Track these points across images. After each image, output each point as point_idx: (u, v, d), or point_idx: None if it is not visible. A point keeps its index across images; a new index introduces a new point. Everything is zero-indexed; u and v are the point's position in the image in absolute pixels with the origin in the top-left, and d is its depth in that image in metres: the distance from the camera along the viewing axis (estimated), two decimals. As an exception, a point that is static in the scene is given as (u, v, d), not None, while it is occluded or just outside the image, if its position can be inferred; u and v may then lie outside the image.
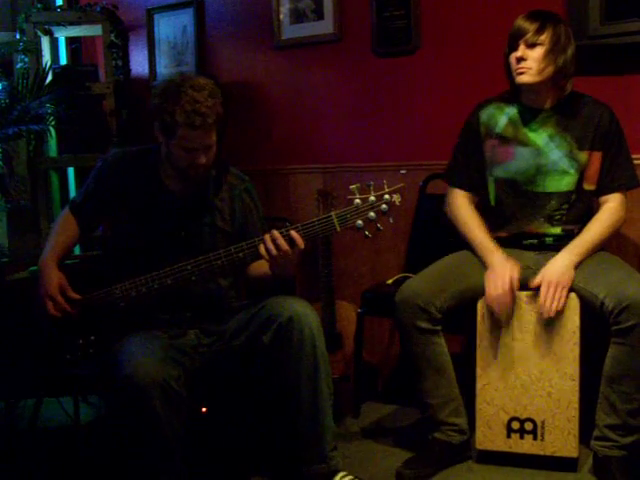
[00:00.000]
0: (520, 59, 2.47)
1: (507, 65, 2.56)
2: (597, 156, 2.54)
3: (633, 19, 2.56)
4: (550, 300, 2.41)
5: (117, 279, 2.32)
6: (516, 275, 2.45)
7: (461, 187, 2.67)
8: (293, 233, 2.19)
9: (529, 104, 2.58)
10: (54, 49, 4.18)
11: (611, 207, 2.53)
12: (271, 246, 2.19)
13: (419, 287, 2.49)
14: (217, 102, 2.26)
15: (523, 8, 2.58)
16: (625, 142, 2.57)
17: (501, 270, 2.46)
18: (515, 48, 2.48)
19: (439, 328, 2.48)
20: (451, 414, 2.54)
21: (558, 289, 2.41)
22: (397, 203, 2.15)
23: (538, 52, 2.46)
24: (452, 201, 2.68)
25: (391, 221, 2.16)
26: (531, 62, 2.46)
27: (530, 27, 2.45)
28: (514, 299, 2.46)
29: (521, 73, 2.48)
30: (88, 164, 3.70)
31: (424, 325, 2.45)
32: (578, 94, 2.59)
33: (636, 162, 2.67)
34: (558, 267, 2.44)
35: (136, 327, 2.31)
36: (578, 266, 2.46)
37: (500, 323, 2.48)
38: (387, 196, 2.15)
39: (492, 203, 2.64)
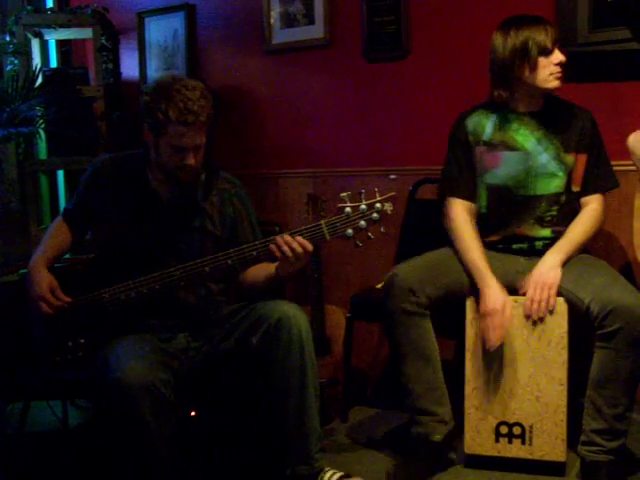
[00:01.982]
0: (560, 63, 2.49)
1: (523, 70, 2.50)
2: (582, 158, 2.57)
3: (620, 27, 2.58)
4: (538, 301, 2.42)
5: (107, 283, 2.32)
6: (508, 312, 2.45)
7: (459, 196, 2.65)
8: (300, 239, 2.19)
9: (517, 109, 2.59)
10: (44, 51, 4.17)
11: (593, 208, 2.57)
12: (285, 249, 2.19)
13: (408, 272, 2.49)
14: (208, 103, 2.27)
15: (512, 15, 2.59)
16: (604, 145, 2.61)
17: (495, 302, 2.45)
18: (549, 53, 2.48)
19: (427, 313, 2.47)
20: (434, 403, 2.51)
21: (545, 289, 2.42)
22: (389, 212, 2.14)
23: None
24: (450, 213, 2.65)
25: (382, 230, 2.16)
26: (562, 66, 2.50)
27: (555, 32, 2.49)
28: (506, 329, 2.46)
29: (559, 77, 2.50)
30: (78, 167, 3.70)
31: (411, 308, 2.44)
32: (558, 98, 2.62)
33: (624, 168, 2.70)
34: (545, 268, 2.46)
35: (125, 331, 2.31)
36: (565, 264, 2.48)
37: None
38: (378, 205, 2.14)
39: (483, 210, 2.64)
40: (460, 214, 2.62)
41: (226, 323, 2.41)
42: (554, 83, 2.51)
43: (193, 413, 2.52)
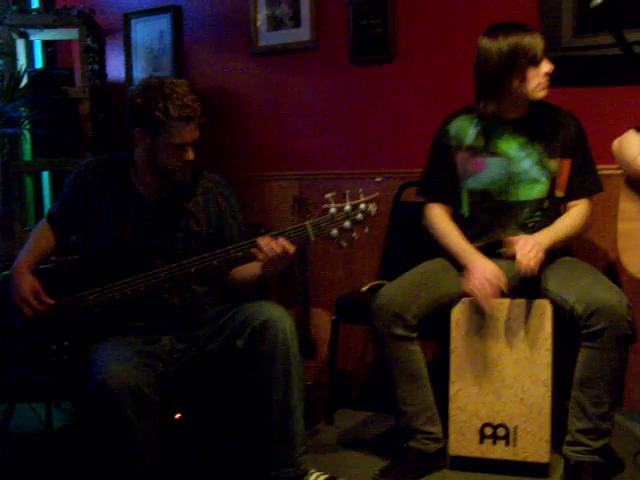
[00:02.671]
0: (548, 74, 2.49)
1: (510, 80, 2.49)
2: (567, 163, 2.58)
3: (603, 33, 2.60)
4: (527, 256, 2.39)
5: (91, 285, 2.31)
6: (500, 272, 2.46)
7: (437, 201, 2.68)
8: (282, 240, 2.19)
9: (500, 115, 2.59)
10: (29, 52, 4.16)
11: (579, 209, 2.58)
12: (267, 249, 2.19)
13: (395, 294, 2.50)
14: (198, 97, 2.29)
15: (498, 20, 2.59)
16: (590, 149, 2.61)
17: (485, 267, 2.47)
18: (537, 63, 2.47)
19: (414, 335, 2.49)
20: (426, 422, 2.54)
21: (535, 247, 2.40)
22: (373, 213, 2.15)
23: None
24: (429, 214, 2.69)
25: (366, 231, 2.16)
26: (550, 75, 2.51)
27: (543, 41, 2.48)
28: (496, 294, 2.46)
29: (546, 87, 2.51)
30: (63, 168, 3.69)
31: (400, 332, 2.46)
32: (544, 103, 2.61)
33: (609, 172, 2.72)
34: (533, 237, 2.46)
35: (109, 333, 2.30)
36: (547, 265, 2.48)
37: (475, 327, 2.49)
38: (363, 205, 2.15)
39: (466, 215, 2.65)
40: (438, 214, 2.66)
41: (211, 325, 2.41)
42: (542, 93, 2.51)
43: (178, 415, 2.51)
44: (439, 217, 2.66)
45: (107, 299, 2.29)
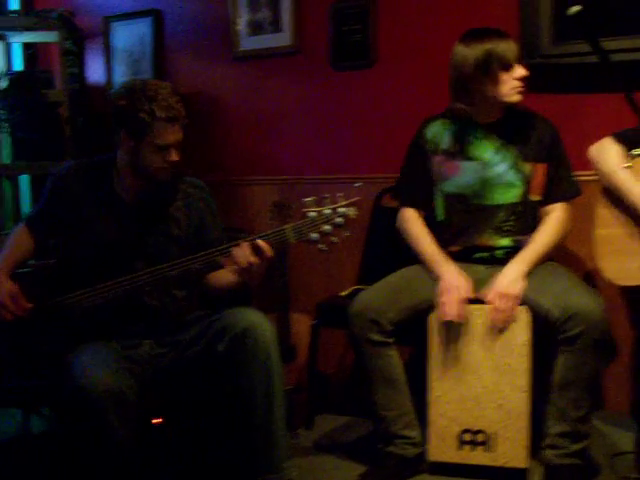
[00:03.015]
0: (522, 78, 2.52)
1: (484, 84, 2.53)
2: (541, 167, 2.60)
3: (581, 40, 2.63)
4: (502, 311, 2.45)
5: (71, 288, 2.30)
6: (467, 285, 2.49)
7: (410, 205, 2.71)
8: (260, 242, 2.19)
9: (478, 119, 2.62)
10: (9, 55, 4.13)
11: (557, 216, 2.60)
12: (240, 260, 2.19)
13: (371, 300, 2.52)
14: (180, 99, 2.31)
15: (479, 27, 2.62)
16: (566, 153, 2.64)
17: (452, 280, 2.49)
18: (510, 67, 2.49)
19: (391, 341, 2.50)
20: (405, 427, 2.55)
21: (509, 300, 2.45)
22: (352, 216, 2.15)
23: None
24: (402, 217, 2.71)
25: (346, 234, 2.16)
26: (524, 80, 2.53)
27: (516, 47, 2.51)
28: (465, 308, 2.49)
29: (520, 92, 2.53)
30: (42, 172, 3.66)
31: (376, 337, 2.47)
32: (518, 108, 2.64)
33: (587, 178, 2.75)
34: (508, 278, 2.49)
35: (90, 337, 2.29)
36: (528, 275, 2.51)
37: (453, 333, 2.51)
38: (343, 209, 2.15)
39: (441, 218, 2.67)
40: (411, 218, 2.69)
41: (192, 330, 2.40)
42: (515, 97, 2.53)
43: (158, 420, 2.50)
44: (412, 221, 2.68)
45: (87, 303, 2.28)
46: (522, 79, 2.52)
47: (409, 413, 2.56)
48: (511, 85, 2.51)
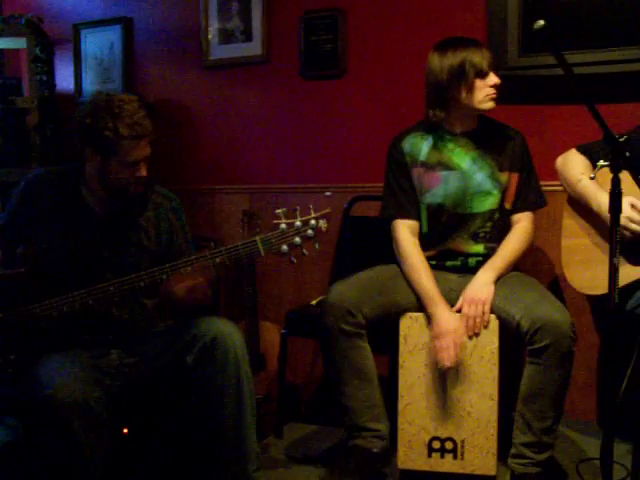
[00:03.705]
0: (495, 85, 2.55)
1: (459, 91, 2.55)
2: (515, 177, 2.64)
3: (547, 53, 2.67)
4: (473, 317, 2.47)
5: (39, 298, 2.28)
6: (462, 328, 2.49)
7: (402, 217, 2.68)
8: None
9: (451, 130, 2.65)
10: (-24, 61, 4.10)
11: (523, 225, 2.64)
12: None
13: (347, 292, 2.52)
14: (147, 114, 2.28)
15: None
16: (533, 164, 2.68)
17: (447, 324, 2.48)
18: (484, 75, 2.53)
19: (364, 332, 2.50)
20: (372, 419, 2.55)
21: (480, 305, 2.48)
22: (323, 229, 2.15)
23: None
24: (397, 236, 2.67)
25: (317, 246, 2.16)
26: (497, 87, 2.56)
27: (490, 55, 2.56)
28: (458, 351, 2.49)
29: (494, 98, 2.56)
30: (9, 179, 3.62)
31: (349, 328, 2.47)
32: (490, 119, 2.69)
33: (553, 188, 2.79)
34: (478, 284, 2.52)
35: (57, 347, 2.27)
36: (497, 281, 2.54)
37: (423, 342, 2.52)
38: (313, 221, 2.15)
39: (425, 230, 2.69)
40: (406, 237, 2.65)
41: (160, 340, 2.40)
42: (489, 104, 2.57)
43: (125, 430, 2.49)
44: (407, 242, 2.64)
45: (55, 312, 2.26)
46: (495, 86, 2.55)
47: (378, 405, 2.56)
48: (485, 92, 2.55)
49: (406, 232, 2.66)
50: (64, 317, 2.27)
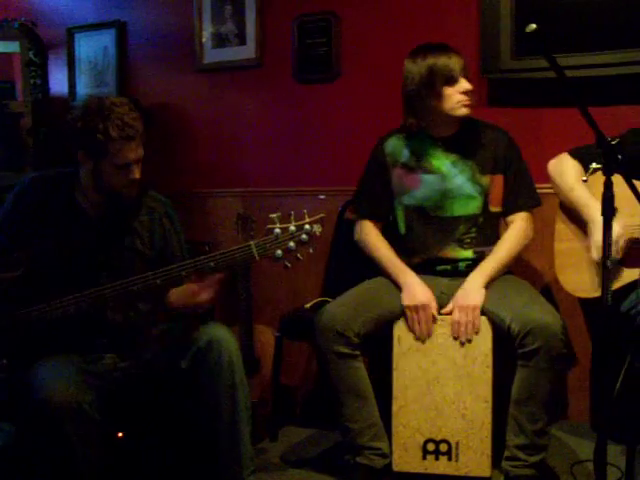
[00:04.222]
0: (467, 92, 2.55)
1: (415, 100, 2.59)
2: (498, 179, 2.64)
3: (539, 56, 2.69)
4: (464, 323, 2.48)
5: (33, 302, 2.28)
6: (433, 299, 2.52)
7: (367, 217, 2.75)
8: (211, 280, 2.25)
9: (433, 133, 2.65)
10: (-31, 65, 4.09)
11: (518, 226, 2.64)
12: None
13: (337, 312, 2.52)
14: (138, 115, 2.28)
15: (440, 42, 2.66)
16: (524, 163, 2.68)
17: (419, 296, 2.52)
18: (455, 81, 2.53)
19: (358, 353, 2.51)
20: (372, 439, 2.55)
21: (470, 311, 2.48)
22: (317, 234, 2.15)
23: (470, 84, 2.56)
24: (360, 230, 2.75)
25: (311, 251, 2.17)
26: (471, 93, 2.56)
27: (461, 61, 2.55)
28: (433, 317, 2.52)
29: (468, 105, 2.56)
30: (3, 183, 3.62)
31: (342, 350, 2.48)
32: (475, 120, 2.69)
33: (545, 191, 2.79)
34: (468, 290, 2.53)
35: (51, 351, 2.27)
36: (489, 285, 2.54)
37: (416, 344, 2.52)
38: (307, 226, 2.15)
39: (402, 232, 2.70)
40: (369, 230, 2.73)
41: (155, 344, 2.40)
42: (462, 111, 2.57)
43: (120, 435, 2.49)
44: (369, 232, 2.72)
45: (49, 316, 2.26)
46: (467, 93, 2.55)
47: (376, 424, 2.57)
48: (456, 99, 2.55)
49: (369, 226, 2.74)
50: (58, 321, 2.26)
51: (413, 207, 2.66)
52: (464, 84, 2.55)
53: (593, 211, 2.48)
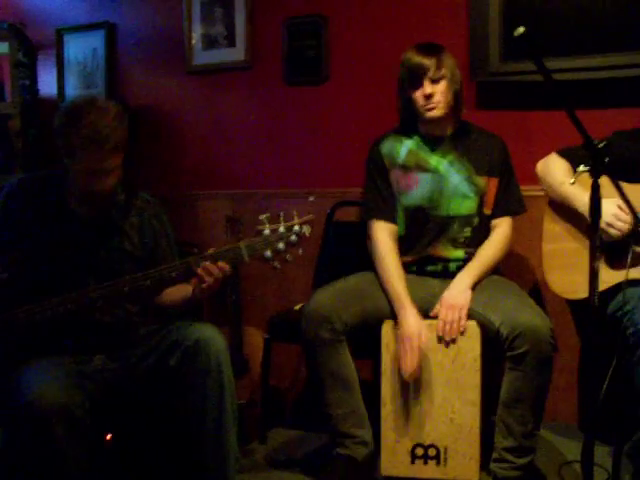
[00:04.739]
0: (429, 96, 2.55)
1: (404, 100, 2.62)
2: (494, 182, 2.66)
3: (527, 59, 2.71)
4: (450, 322, 2.48)
5: (22, 303, 2.27)
6: (424, 337, 2.48)
7: (381, 218, 2.69)
8: (220, 264, 2.19)
9: (428, 133, 2.67)
10: (-42, 66, 4.08)
11: (502, 231, 2.66)
12: (207, 278, 2.19)
13: (326, 300, 2.51)
14: (120, 127, 2.22)
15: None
16: (514, 170, 2.70)
17: (410, 331, 2.48)
18: (419, 85, 2.56)
19: (343, 338, 2.49)
20: (355, 425, 2.54)
21: (456, 311, 2.48)
22: (307, 235, 2.16)
23: (443, 86, 2.55)
24: (374, 237, 2.68)
25: (300, 252, 2.17)
26: (439, 96, 2.55)
27: (430, 63, 2.53)
28: (421, 358, 2.49)
29: (432, 109, 2.56)
30: (-9, 185, 3.61)
31: (328, 335, 2.46)
32: (469, 123, 2.71)
33: (534, 193, 2.81)
34: (456, 290, 2.53)
35: (39, 352, 2.26)
36: (475, 287, 2.55)
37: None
38: (297, 227, 2.15)
39: (402, 233, 2.70)
40: (383, 239, 2.66)
41: (143, 344, 2.39)
42: (428, 114, 2.58)
43: (109, 436, 2.48)
44: (384, 244, 2.65)
45: (38, 317, 2.24)
46: (428, 96, 2.55)
47: (359, 412, 2.56)
48: (420, 103, 2.58)
49: (384, 234, 2.67)
50: (46, 322, 2.25)
51: (412, 207, 2.66)
52: (425, 88, 2.55)
53: (585, 197, 2.48)
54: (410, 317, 2.50)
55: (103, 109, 2.21)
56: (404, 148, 2.69)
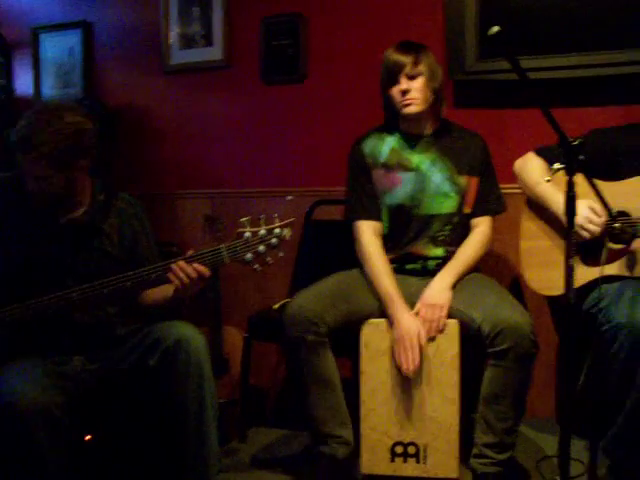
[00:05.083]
0: (405, 92, 2.57)
1: (386, 98, 2.65)
2: (475, 181, 2.67)
3: (503, 58, 2.73)
4: (429, 321, 2.49)
5: (2, 304, 2.26)
6: (423, 332, 2.49)
7: (365, 218, 2.69)
8: (197, 266, 2.19)
9: (410, 131, 2.68)
10: None
11: (482, 230, 2.67)
12: (182, 275, 2.19)
13: (308, 301, 2.50)
14: (58, 139, 2.20)
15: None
16: (494, 169, 2.72)
17: (408, 329, 2.49)
18: (396, 82, 2.58)
19: (326, 340, 2.49)
20: (336, 426, 2.54)
21: (436, 310, 2.50)
22: (287, 237, 2.16)
23: (420, 82, 2.57)
24: (360, 238, 2.68)
25: (281, 255, 2.17)
26: (415, 92, 2.57)
27: (407, 60, 2.56)
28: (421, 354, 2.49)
29: (408, 104, 2.58)
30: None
31: (311, 338, 2.45)
32: (451, 122, 2.73)
33: (510, 191, 2.83)
34: (436, 289, 2.55)
35: (18, 353, 2.25)
36: (455, 286, 2.56)
37: (384, 347, 2.53)
38: (277, 230, 2.16)
39: (386, 232, 2.70)
40: (370, 238, 2.66)
41: (123, 345, 2.38)
42: (404, 110, 2.60)
43: (89, 437, 2.47)
44: (370, 244, 2.65)
45: (17, 319, 2.24)
46: (404, 92, 2.57)
47: (341, 412, 2.55)
48: (398, 99, 2.60)
49: (369, 233, 2.67)
50: (25, 323, 2.25)
51: (394, 206, 2.67)
52: (402, 84, 2.57)
53: (559, 198, 2.50)
54: (405, 315, 2.51)
55: (55, 115, 2.21)
56: (386, 146, 2.70)
